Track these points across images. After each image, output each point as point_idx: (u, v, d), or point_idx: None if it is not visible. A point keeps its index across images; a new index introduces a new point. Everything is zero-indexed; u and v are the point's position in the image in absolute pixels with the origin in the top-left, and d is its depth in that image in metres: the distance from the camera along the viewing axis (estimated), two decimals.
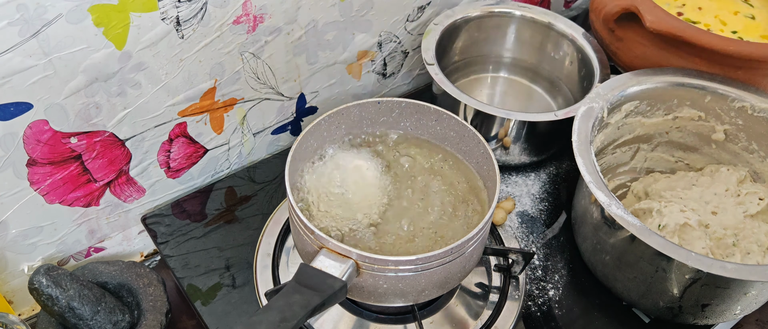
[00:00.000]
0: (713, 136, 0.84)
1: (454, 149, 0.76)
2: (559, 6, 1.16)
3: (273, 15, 0.76)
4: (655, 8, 0.82)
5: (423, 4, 0.92)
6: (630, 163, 0.89)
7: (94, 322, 0.68)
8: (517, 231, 0.86)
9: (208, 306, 0.76)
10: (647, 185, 0.86)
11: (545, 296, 0.79)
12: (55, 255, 0.79)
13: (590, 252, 0.78)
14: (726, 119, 0.82)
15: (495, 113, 0.84)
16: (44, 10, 0.59)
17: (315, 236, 0.61)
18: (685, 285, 0.68)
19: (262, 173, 0.90)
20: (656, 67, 0.83)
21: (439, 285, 0.66)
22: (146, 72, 0.71)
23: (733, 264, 0.63)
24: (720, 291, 0.67)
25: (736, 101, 0.80)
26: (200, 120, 0.80)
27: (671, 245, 0.65)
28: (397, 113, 0.76)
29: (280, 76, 0.84)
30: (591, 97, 0.79)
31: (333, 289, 0.58)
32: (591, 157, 0.71)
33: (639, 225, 0.66)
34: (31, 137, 0.67)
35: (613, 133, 0.83)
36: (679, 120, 0.84)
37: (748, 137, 0.82)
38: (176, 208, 0.85)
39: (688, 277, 0.67)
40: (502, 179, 0.91)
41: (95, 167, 0.75)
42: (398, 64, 0.98)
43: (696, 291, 0.68)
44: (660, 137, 0.87)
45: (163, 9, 0.67)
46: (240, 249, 0.81)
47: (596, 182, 0.69)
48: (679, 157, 0.88)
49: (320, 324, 0.73)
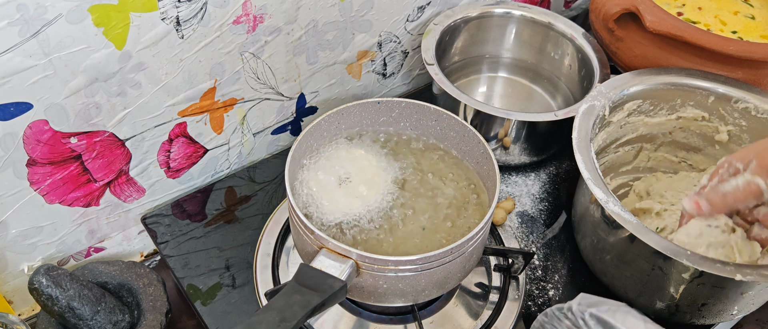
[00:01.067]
0: (717, 137, 0.84)
1: (454, 149, 0.76)
2: (559, 6, 1.16)
3: (273, 15, 0.76)
4: (655, 8, 0.82)
5: (423, 4, 0.92)
6: (633, 162, 0.89)
7: (94, 322, 0.68)
8: (517, 231, 0.86)
9: (208, 306, 0.76)
10: (649, 184, 0.86)
11: (545, 296, 0.79)
12: (55, 255, 0.79)
13: (590, 251, 0.78)
14: (729, 120, 0.82)
15: (495, 113, 0.84)
16: (44, 10, 0.59)
17: (315, 236, 0.61)
18: (681, 284, 0.68)
19: (262, 173, 0.90)
20: (659, 67, 0.83)
21: (439, 285, 0.66)
22: (146, 72, 0.71)
23: (731, 265, 0.63)
24: (717, 290, 0.67)
25: (740, 102, 0.80)
26: (200, 120, 0.80)
27: (667, 243, 0.65)
28: (397, 113, 0.76)
29: (280, 76, 0.84)
30: (593, 95, 0.79)
31: (333, 289, 0.58)
32: (590, 154, 0.71)
33: (636, 223, 0.66)
34: (31, 137, 0.67)
35: (616, 132, 0.83)
36: (683, 120, 0.84)
37: (752, 138, 0.82)
38: (176, 208, 0.85)
39: (684, 276, 0.67)
40: (502, 179, 0.91)
41: (95, 167, 0.75)
42: (398, 64, 0.98)
43: (693, 291, 0.68)
44: (663, 137, 0.87)
45: (163, 9, 0.67)
46: (240, 249, 0.81)
47: (594, 179, 0.69)
48: (683, 157, 0.88)
49: (320, 324, 0.73)
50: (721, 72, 0.82)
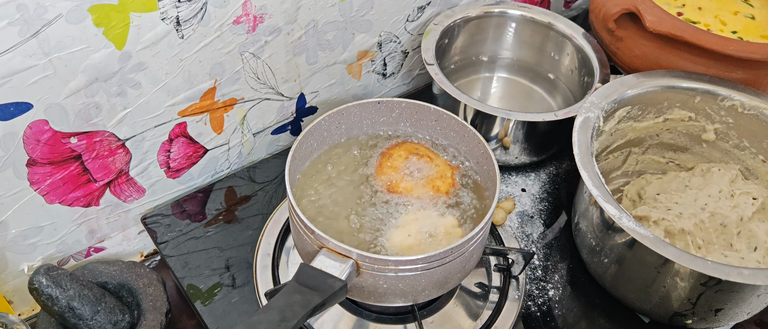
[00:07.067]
0: (704, 135, 0.84)
1: (454, 149, 0.76)
2: (559, 6, 1.16)
3: (273, 15, 0.76)
4: (655, 8, 0.82)
5: (423, 4, 0.92)
6: (622, 167, 0.89)
7: (94, 322, 0.68)
8: (517, 231, 0.86)
9: (208, 306, 0.76)
10: (640, 187, 0.86)
11: (545, 296, 0.79)
12: (55, 255, 0.79)
13: (589, 253, 0.78)
14: (716, 118, 0.83)
15: (495, 113, 0.84)
16: (44, 10, 0.59)
17: (315, 236, 0.61)
18: (691, 289, 0.68)
19: (262, 173, 0.90)
20: (646, 72, 0.83)
21: (439, 285, 0.66)
22: (146, 72, 0.71)
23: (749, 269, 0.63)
24: (730, 294, 0.67)
25: (726, 99, 0.81)
26: (200, 120, 0.80)
27: (687, 255, 0.64)
28: (397, 113, 0.76)
29: (280, 76, 0.84)
30: (586, 107, 0.78)
31: (333, 289, 0.58)
32: (594, 169, 0.71)
33: (652, 237, 0.65)
34: (31, 137, 0.67)
35: (607, 140, 0.83)
36: (670, 122, 0.85)
37: (739, 134, 0.82)
38: (176, 208, 0.85)
39: (695, 283, 0.67)
40: (502, 179, 0.91)
41: (95, 167, 0.75)
42: (398, 64, 0.98)
43: (709, 296, 0.68)
44: (651, 140, 0.87)
45: (163, 9, 0.67)
46: (240, 249, 0.81)
47: (604, 196, 0.68)
48: (670, 157, 0.88)
49: (320, 324, 0.73)
50: (720, 72, 0.82)
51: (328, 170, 0.73)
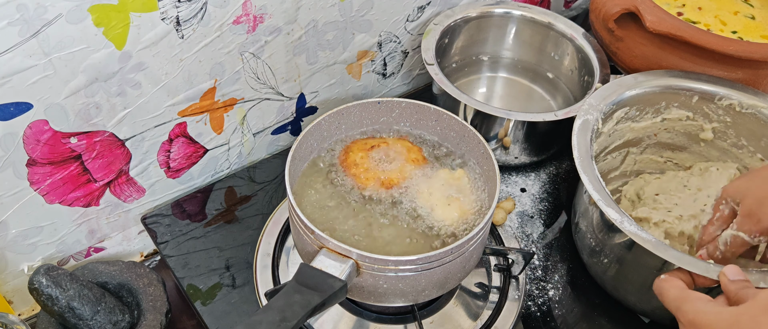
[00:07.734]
0: (701, 135, 0.84)
1: (454, 149, 0.76)
2: (559, 6, 1.16)
3: (273, 15, 0.76)
4: (655, 8, 0.82)
5: (423, 4, 0.92)
6: (620, 167, 0.89)
7: (94, 322, 0.68)
8: (517, 231, 0.86)
9: (208, 306, 0.76)
10: (638, 187, 0.85)
11: (545, 296, 0.79)
12: (55, 255, 0.79)
13: (589, 253, 0.78)
14: (714, 118, 0.83)
15: (495, 113, 0.84)
16: (44, 10, 0.59)
17: (315, 236, 0.61)
18: None
19: (262, 173, 0.90)
20: (644, 72, 0.83)
21: (439, 285, 0.66)
22: (146, 72, 0.71)
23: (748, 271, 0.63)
24: None
25: (724, 99, 0.81)
26: (200, 120, 0.80)
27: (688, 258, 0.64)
28: (397, 113, 0.76)
29: (280, 76, 0.84)
30: (584, 109, 0.78)
31: (333, 289, 0.58)
32: (594, 172, 0.71)
33: (654, 241, 0.65)
34: (31, 137, 0.67)
35: (605, 141, 0.83)
36: (668, 122, 0.85)
37: (737, 133, 0.82)
38: (176, 208, 0.85)
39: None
40: (502, 179, 0.91)
41: (95, 167, 0.75)
42: (398, 64, 0.98)
43: None
44: (648, 139, 0.87)
45: (163, 9, 0.67)
46: (240, 249, 0.81)
47: (605, 200, 0.68)
48: (668, 157, 0.88)
49: (320, 324, 0.73)
50: (721, 72, 0.82)
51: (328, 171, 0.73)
